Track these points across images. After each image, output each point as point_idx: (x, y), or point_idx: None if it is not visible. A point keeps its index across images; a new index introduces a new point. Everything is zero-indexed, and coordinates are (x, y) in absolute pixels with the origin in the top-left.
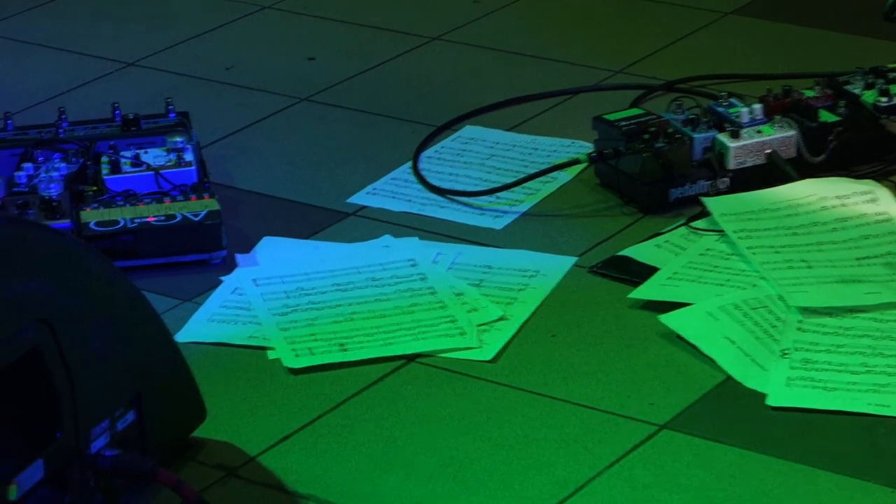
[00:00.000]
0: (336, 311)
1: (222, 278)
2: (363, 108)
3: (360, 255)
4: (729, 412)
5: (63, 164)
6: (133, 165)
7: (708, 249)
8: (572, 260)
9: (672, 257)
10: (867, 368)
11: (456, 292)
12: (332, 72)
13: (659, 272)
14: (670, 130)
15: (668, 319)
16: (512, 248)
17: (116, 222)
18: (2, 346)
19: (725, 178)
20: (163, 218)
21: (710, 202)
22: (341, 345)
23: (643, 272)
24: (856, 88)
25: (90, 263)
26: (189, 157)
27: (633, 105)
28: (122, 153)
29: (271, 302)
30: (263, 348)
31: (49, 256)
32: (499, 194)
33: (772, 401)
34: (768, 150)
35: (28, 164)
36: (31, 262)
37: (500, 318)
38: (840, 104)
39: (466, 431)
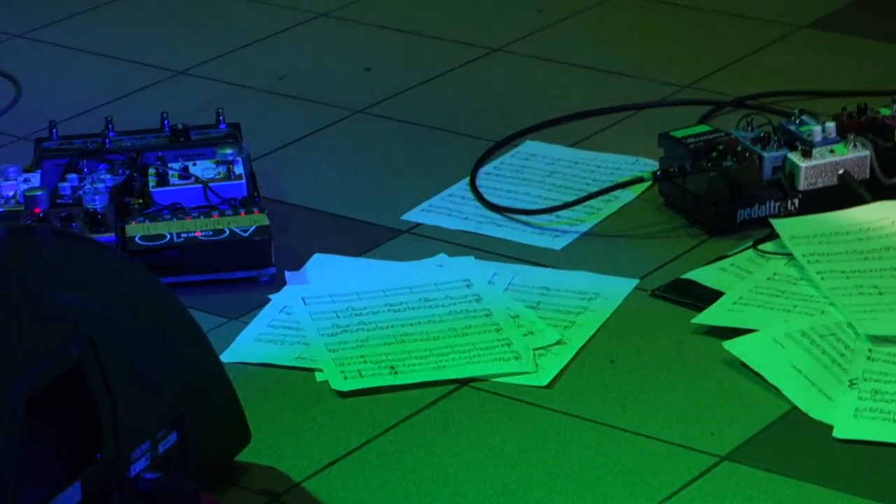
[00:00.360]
0: (387, 333)
1: (270, 296)
2: (420, 122)
3: (414, 275)
4: (793, 444)
5: (109, 176)
6: (181, 178)
7: (775, 273)
8: (634, 282)
9: (738, 281)
10: None
11: (512, 314)
12: (389, 83)
13: (724, 297)
14: (739, 149)
15: (733, 346)
16: (571, 269)
17: (163, 237)
18: (43, 362)
19: (795, 200)
20: (210, 233)
21: (779, 224)
22: (392, 367)
23: (707, 296)
24: None
25: (134, 279)
26: (239, 169)
27: (701, 122)
28: (170, 165)
29: (320, 322)
30: (311, 370)
31: (92, 271)
32: (559, 213)
33: (838, 433)
34: (841, 171)
35: (73, 175)
36: (73, 275)
37: (558, 343)
38: None
39: (520, 459)
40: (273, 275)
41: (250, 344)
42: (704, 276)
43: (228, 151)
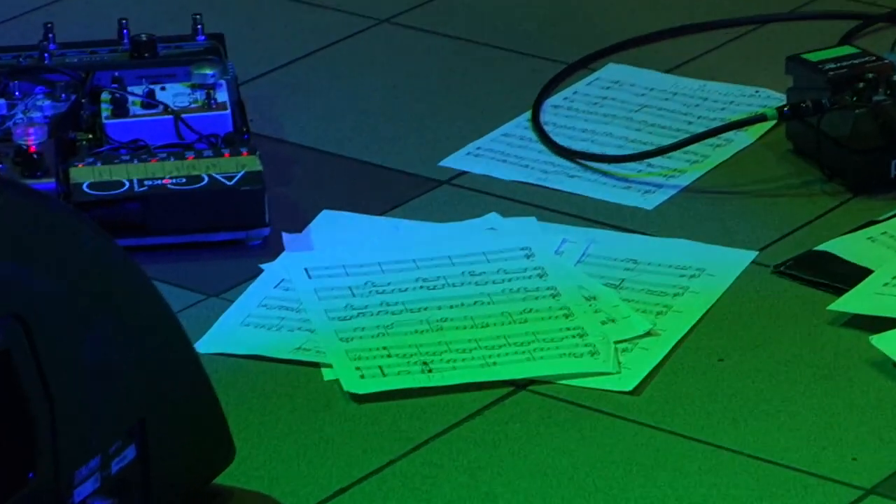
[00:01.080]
0: (419, 317)
1: (263, 266)
2: (466, 36)
3: (456, 241)
4: None
5: (48, 102)
6: (144, 106)
7: None
8: (751, 255)
9: (891, 256)
10: None
11: (587, 296)
12: None
13: (872, 276)
14: (895, 78)
15: (883, 342)
16: (667, 236)
17: (119, 184)
18: None
19: None
20: (183, 180)
21: None
22: (425, 363)
23: (850, 275)
24: None
25: (81, 240)
26: (223, 96)
27: (844, 41)
28: (131, 89)
29: (330, 301)
30: (317, 365)
31: (24, 229)
32: (651, 161)
33: None
34: None
35: (0, 101)
36: None
37: (648, 334)
38: None
39: (596, 489)
40: (267, 237)
41: (236, 329)
42: (846, 247)
43: (208, 72)
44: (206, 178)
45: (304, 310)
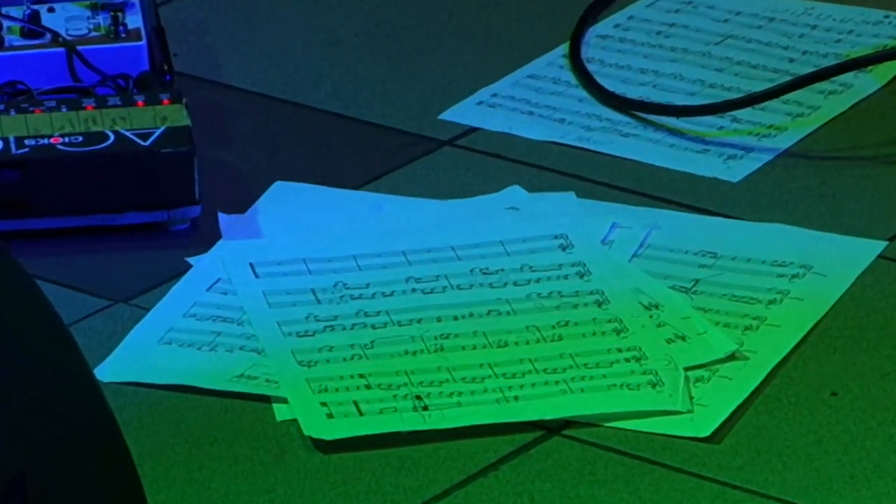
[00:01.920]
0: (410, 333)
1: (191, 261)
2: None
3: (463, 225)
4: None
5: None
6: (26, 35)
7: None
8: (877, 247)
9: None
10: None
11: (646, 303)
12: None
13: None
14: None
15: None
16: (759, 219)
17: None
18: None
19: None
20: (80, 139)
21: None
22: (419, 398)
23: None
24: None
25: None
26: (135, 21)
27: None
28: (6, 11)
29: (285, 310)
30: (267, 399)
31: None
32: (738, 114)
33: None
34: None
35: None
36: None
37: (732, 357)
38: None
39: None
40: (196, 220)
41: (152, 350)
42: None
43: None
44: (112, 137)
45: (249, 322)
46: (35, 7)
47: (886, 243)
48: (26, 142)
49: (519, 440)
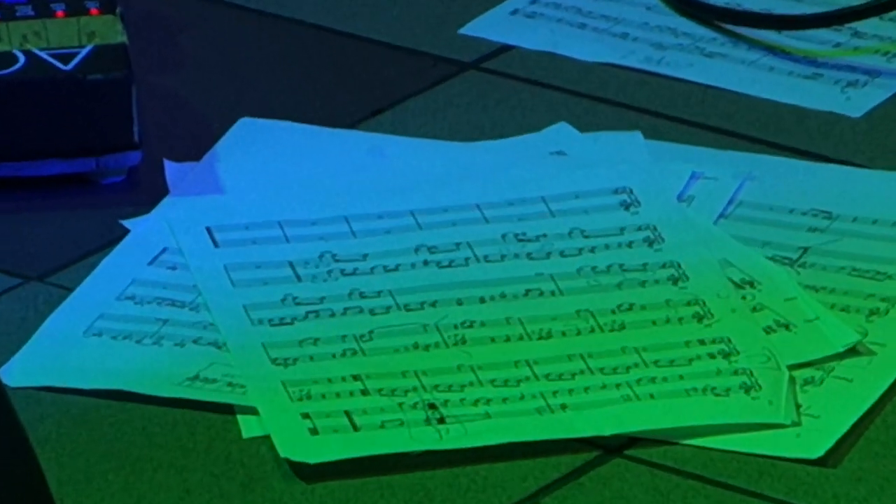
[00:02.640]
0: (421, 320)
1: (127, 224)
2: None
3: (492, 176)
4: None
5: None
6: None
7: None
8: None
9: None
10: None
11: (738, 279)
12: None
13: None
14: None
15: None
16: (890, 167)
17: None
18: None
19: None
20: None
21: None
22: (433, 407)
23: None
24: None
25: None
26: None
27: None
28: None
29: (254, 290)
30: (230, 409)
31: None
32: (858, 26)
33: None
34: None
35: None
36: None
37: (853, 351)
38: None
39: None
40: (135, 170)
41: (77, 343)
42: None
43: None
44: (22, 59)
45: (206, 306)
46: None
47: None
48: None
49: (567, 464)
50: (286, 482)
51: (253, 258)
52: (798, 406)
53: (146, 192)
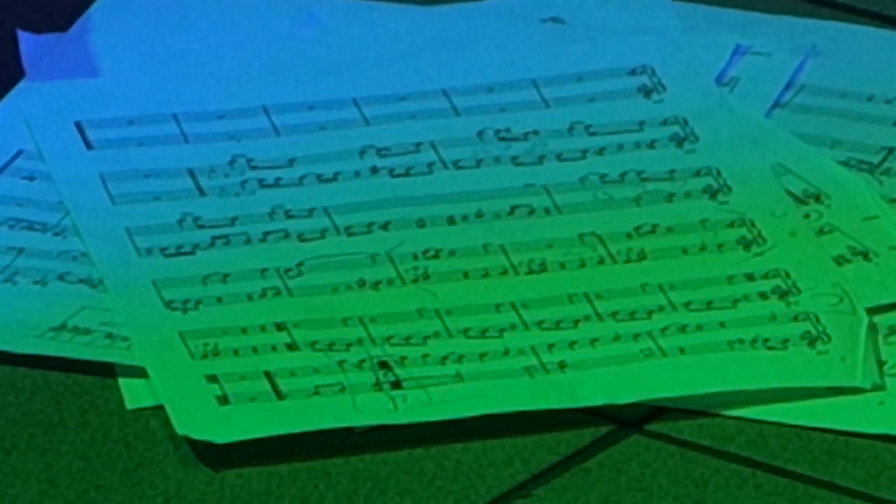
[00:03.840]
0: (368, 251)
1: None
2: None
3: (464, 52)
4: None
5: None
6: None
7: None
8: None
9: None
10: None
11: (800, 191)
12: None
13: None
14: None
15: None
16: None
17: None
18: None
19: None
20: None
21: None
22: (383, 366)
23: None
24: None
25: None
26: None
27: None
28: None
29: (140, 208)
30: (109, 370)
31: None
32: None
33: None
34: None
35: None
36: None
37: None
38: None
39: None
40: None
41: None
42: None
43: None
44: None
45: (77, 230)
46: None
47: None
48: None
49: (569, 443)
50: (185, 469)
51: (139, 164)
52: (881, 364)
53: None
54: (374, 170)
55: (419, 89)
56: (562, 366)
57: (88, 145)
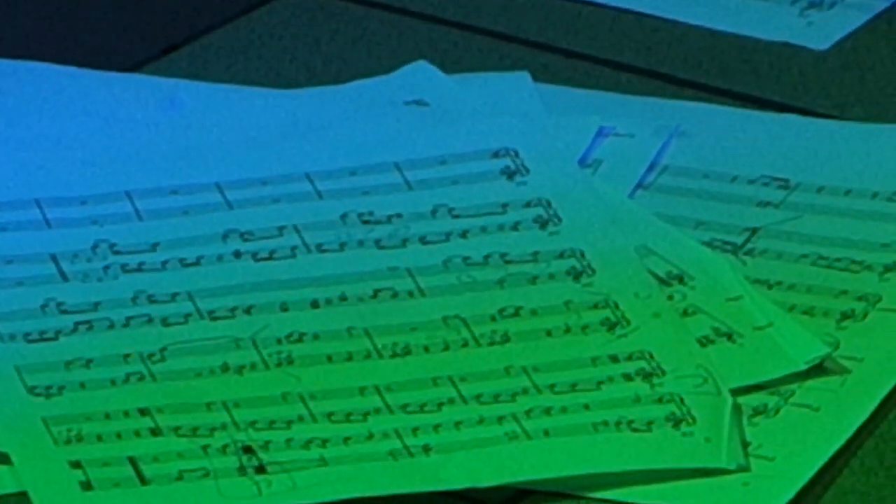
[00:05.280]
0: (231, 335)
1: None
2: None
3: (327, 134)
4: None
5: None
6: None
7: None
8: None
9: None
10: None
11: (663, 273)
12: None
13: None
14: None
15: None
16: (869, 119)
17: None
18: None
19: None
20: None
21: None
22: (247, 450)
23: None
24: None
25: None
26: None
27: None
28: None
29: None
30: None
31: None
32: None
33: None
34: None
35: None
36: None
37: (819, 370)
38: None
39: None
40: None
41: None
42: None
43: None
44: None
45: None
46: None
47: None
48: None
49: None
50: None
51: (1, 250)
52: (745, 445)
53: None
54: (238, 254)
55: (282, 173)
56: (426, 449)
57: None
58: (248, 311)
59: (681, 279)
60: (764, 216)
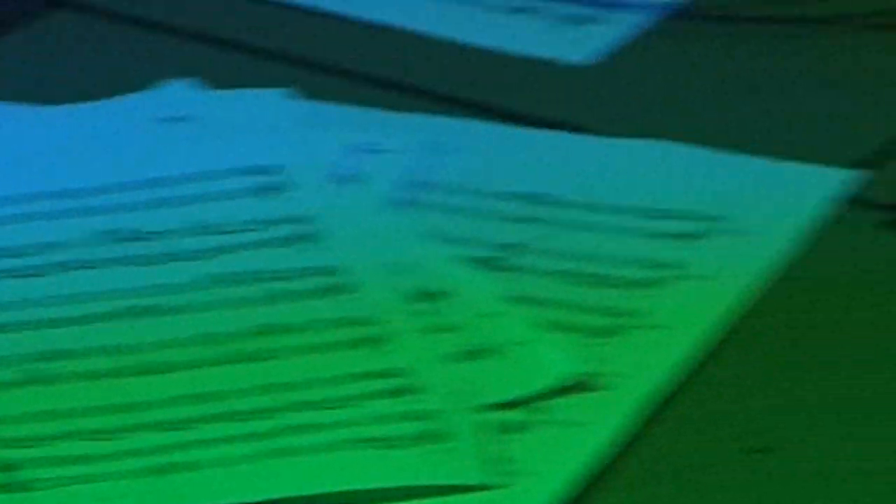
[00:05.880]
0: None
1: None
2: None
3: (84, 152)
4: None
5: None
6: None
7: None
8: (834, 181)
9: None
10: None
11: (416, 289)
12: None
13: None
14: None
15: None
16: (630, 134)
17: None
18: None
19: None
20: None
21: None
22: (8, 469)
23: None
24: None
25: None
26: None
27: None
28: None
29: None
30: None
31: None
32: None
33: None
34: None
35: None
36: None
37: (577, 386)
38: None
39: None
40: None
41: None
42: None
43: None
44: None
45: None
46: None
47: (848, 173)
48: None
49: None
50: None
51: None
52: (500, 461)
53: None
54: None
55: (29, 192)
56: (175, 467)
57: None
58: (2, 329)
59: (437, 295)
60: (520, 232)
